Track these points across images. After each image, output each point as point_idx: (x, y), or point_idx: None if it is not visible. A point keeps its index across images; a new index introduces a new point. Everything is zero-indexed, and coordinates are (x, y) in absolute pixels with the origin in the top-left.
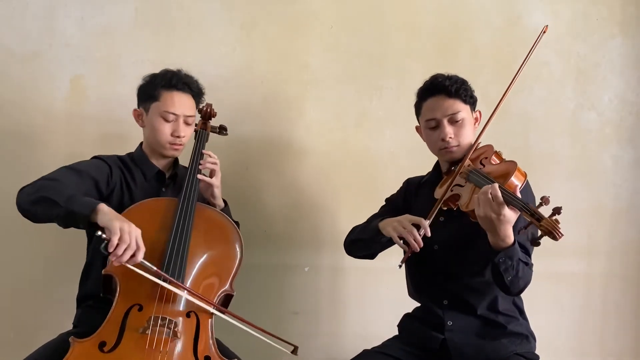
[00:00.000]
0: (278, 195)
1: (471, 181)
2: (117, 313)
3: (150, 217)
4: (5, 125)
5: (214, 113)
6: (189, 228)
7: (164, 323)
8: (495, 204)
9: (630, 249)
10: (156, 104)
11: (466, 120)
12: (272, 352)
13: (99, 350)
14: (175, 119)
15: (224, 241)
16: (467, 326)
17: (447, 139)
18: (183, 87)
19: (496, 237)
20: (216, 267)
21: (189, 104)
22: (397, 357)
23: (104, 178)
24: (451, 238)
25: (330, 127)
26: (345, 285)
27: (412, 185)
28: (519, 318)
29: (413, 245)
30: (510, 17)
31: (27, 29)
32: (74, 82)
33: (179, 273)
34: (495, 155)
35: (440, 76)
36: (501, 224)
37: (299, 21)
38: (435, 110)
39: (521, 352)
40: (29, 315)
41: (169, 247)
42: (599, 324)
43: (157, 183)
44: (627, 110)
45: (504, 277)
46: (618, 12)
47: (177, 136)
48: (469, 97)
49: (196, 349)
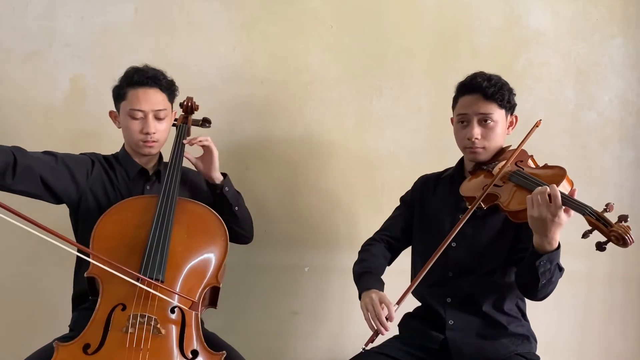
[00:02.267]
0: (278, 195)
1: (513, 181)
2: (100, 314)
3: (130, 215)
4: (5, 125)
5: (195, 106)
6: (169, 223)
7: (144, 320)
8: (553, 205)
9: (632, 249)
10: (124, 103)
11: (498, 124)
12: (272, 351)
13: (84, 352)
14: (144, 115)
15: (208, 234)
16: (468, 325)
17: (473, 139)
18: (147, 82)
19: (543, 240)
20: (201, 260)
21: (156, 98)
22: (397, 357)
23: (82, 171)
24: (470, 236)
25: (330, 127)
26: (345, 285)
27: (430, 181)
28: (520, 319)
29: (378, 329)
30: (510, 17)
31: (27, 29)
32: (74, 82)
33: (158, 270)
34: (531, 160)
35: (481, 75)
36: (554, 226)
37: (299, 21)
38: (468, 107)
39: (522, 353)
40: (25, 319)
41: (148, 245)
42: (601, 325)
43: (141, 181)
44: (627, 110)
45: (539, 281)
46: (618, 12)
47: (146, 133)
48: (505, 101)
49: (182, 344)
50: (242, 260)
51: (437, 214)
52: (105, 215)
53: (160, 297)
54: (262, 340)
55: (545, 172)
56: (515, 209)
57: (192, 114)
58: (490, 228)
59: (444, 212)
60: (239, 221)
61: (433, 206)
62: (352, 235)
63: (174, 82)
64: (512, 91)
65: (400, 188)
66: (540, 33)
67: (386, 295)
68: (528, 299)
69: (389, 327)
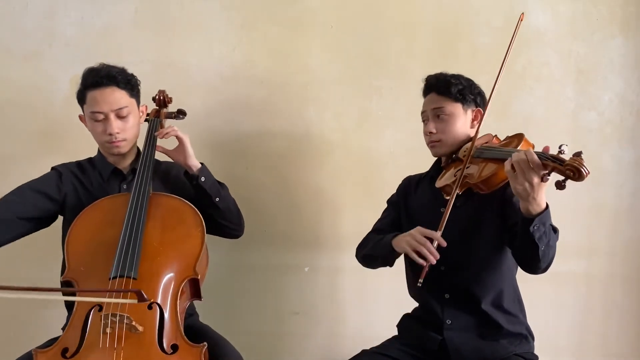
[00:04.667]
0: (278, 195)
1: (480, 157)
2: (78, 317)
3: (101, 215)
4: (5, 125)
5: (168, 99)
6: (141, 219)
7: (116, 319)
8: (535, 167)
9: (631, 248)
10: (85, 106)
11: (453, 117)
12: (272, 351)
13: (62, 357)
14: (105, 116)
15: (183, 226)
16: (466, 325)
17: (429, 133)
18: (103, 81)
19: (532, 203)
20: (177, 252)
21: (114, 97)
22: (396, 357)
23: (52, 186)
24: (455, 228)
25: (330, 127)
26: (345, 285)
27: (412, 181)
28: (519, 317)
29: (429, 258)
30: (510, 17)
31: (27, 29)
32: (74, 82)
33: (130, 268)
34: (495, 139)
35: (431, 75)
36: (540, 187)
37: (299, 21)
38: (425, 105)
39: (520, 353)
40: (21, 320)
41: (120, 243)
42: (600, 325)
43: (117, 181)
44: (627, 110)
45: (539, 248)
46: (618, 12)
47: (109, 134)
48: (455, 94)
49: (161, 339)
50: (242, 260)
51: (420, 212)
52: (76, 220)
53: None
54: (262, 340)
55: (505, 142)
56: (485, 176)
57: (166, 108)
58: (471, 215)
59: (425, 209)
60: (222, 212)
61: (415, 205)
62: (352, 235)
63: (133, 77)
64: (472, 86)
65: None
66: (540, 33)
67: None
68: (533, 273)
69: (438, 255)
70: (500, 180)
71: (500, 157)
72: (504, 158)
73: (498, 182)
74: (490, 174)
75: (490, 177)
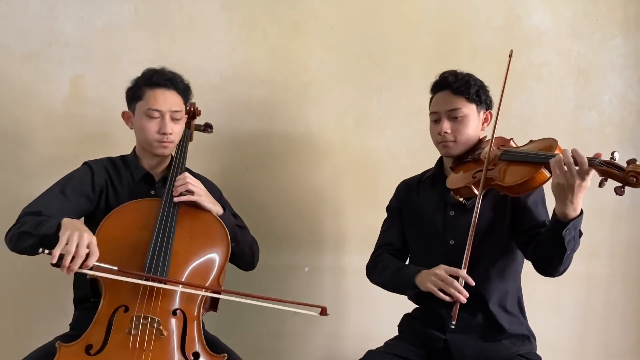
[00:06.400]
0: (278, 195)
1: (505, 159)
2: (103, 315)
3: (133, 217)
4: (5, 125)
5: (197, 112)
6: (172, 226)
7: (147, 322)
8: (585, 172)
9: (632, 249)
10: (140, 103)
11: (467, 118)
12: (272, 351)
13: (86, 353)
14: (161, 115)
15: (210, 237)
16: (470, 326)
17: (443, 133)
18: (166, 83)
19: (569, 207)
20: (202, 264)
21: (174, 100)
22: (406, 357)
23: (88, 187)
24: (465, 231)
25: (330, 127)
26: (345, 285)
27: (412, 184)
28: (520, 318)
29: (459, 298)
30: (510, 17)
31: (27, 29)
32: (74, 82)
33: (161, 271)
34: (512, 141)
35: (449, 73)
36: (580, 191)
37: (299, 21)
38: (438, 105)
39: (523, 353)
40: (27, 318)
41: (152, 245)
42: (601, 325)
43: (146, 186)
44: (627, 110)
45: (565, 251)
46: (618, 12)
47: (163, 133)
48: (473, 95)
49: (184, 346)
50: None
51: (427, 215)
52: (108, 218)
53: (163, 299)
54: (262, 341)
55: (536, 145)
56: (514, 183)
57: (194, 119)
58: (482, 217)
59: (432, 211)
60: (236, 255)
61: (420, 209)
62: (352, 235)
63: (189, 86)
64: (485, 87)
65: None
66: (540, 33)
67: (445, 266)
68: (549, 276)
69: (467, 293)
70: (537, 184)
71: (536, 161)
72: (541, 162)
73: (535, 186)
74: (525, 178)
75: (527, 180)
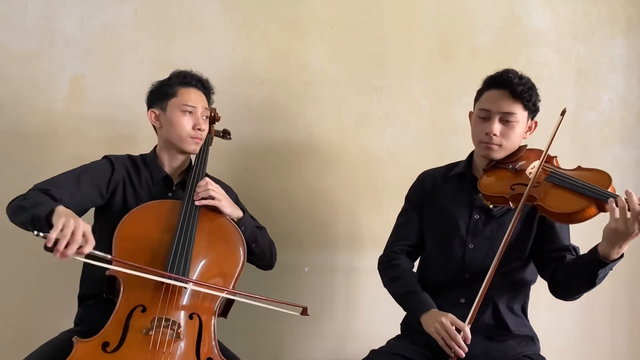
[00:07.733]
0: (278, 195)
1: (551, 182)
2: (120, 314)
3: (154, 218)
4: (5, 125)
5: (217, 117)
6: (193, 229)
7: (167, 324)
8: None
9: (634, 249)
10: (174, 99)
11: (519, 124)
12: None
13: (102, 350)
14: (195, 112)
15: (227, 243)
16: (475, 327)
17: (492, 135)
18: (197, 84)
19: (614, 249)
20: (219, 269)
21: (204, 100)
22: (410, 357)
23: (104, 181)
24: (488, 238)
25: (330, 127)
26: (345, 285)
27: (437, 177)
28: (524, 319)
29: (458, 353)
30: (510, 17)
31: (27, 29)
32: (74, 82)
33: (183, 272)
34: (555, 160)
35: (513, 72)
36: (632, 239)
37: (299, 21)
38: (492, 103)
39: (528, 354)
40: (30, 314)
41: (173, 247)
42: (604, 325)
43: (164, 187)
44: (627, 110)
45: (595, 286)
46: (618, 12)
47: (198, 129)
48: (531, 103)
49: (199, 350)
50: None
51: (450, 212)
52: (129, 216)
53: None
54: (262, 341)
55: (587, 175)
56: (561, 211)
57: (214, 124)
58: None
59: (456, 210)
60: (257, 256)
61: (444, 204)
62: (352, 235)
63: (213, 91)
64: (539, 97)
65: (400, 188)
66: (540, 33)
67: (453, 316)
68: (561, 299)
69: (467, 348)
70: (585, 218)
71: (590, 196)
72: (595, 198)
73: (580, 220)
74: (574, 210)
75: (576, 212)
